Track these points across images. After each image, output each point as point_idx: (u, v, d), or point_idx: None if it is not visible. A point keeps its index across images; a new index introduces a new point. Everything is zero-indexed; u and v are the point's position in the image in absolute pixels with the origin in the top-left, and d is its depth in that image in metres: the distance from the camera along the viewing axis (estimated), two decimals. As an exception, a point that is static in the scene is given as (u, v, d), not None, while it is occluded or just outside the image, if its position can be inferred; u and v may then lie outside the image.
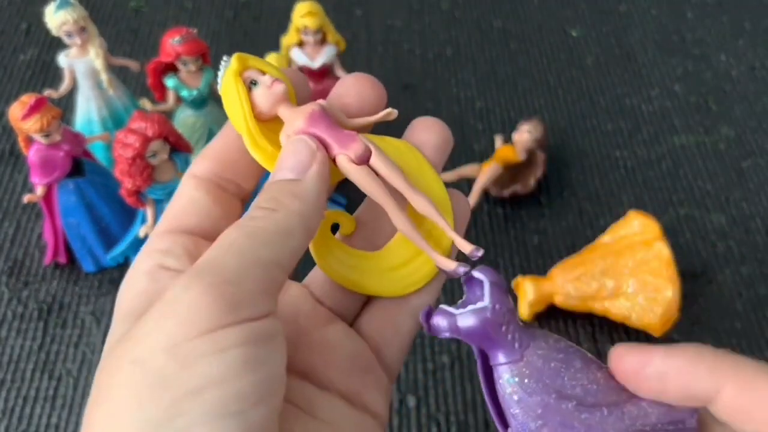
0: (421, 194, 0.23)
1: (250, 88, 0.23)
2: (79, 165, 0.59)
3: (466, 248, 0.23)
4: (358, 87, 0.25)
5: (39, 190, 0.59)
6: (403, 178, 0.23)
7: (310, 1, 0.64)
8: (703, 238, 0.67)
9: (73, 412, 0.56)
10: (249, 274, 0.19)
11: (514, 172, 0.69)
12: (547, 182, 0.71)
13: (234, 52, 0.24)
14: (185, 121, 0.65)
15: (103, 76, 0.64)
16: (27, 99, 0.54)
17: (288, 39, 0.66)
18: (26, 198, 0.60)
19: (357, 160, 0.23)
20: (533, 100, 0.80)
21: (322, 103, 0.23)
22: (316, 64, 0.65)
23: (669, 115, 0.78)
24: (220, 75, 0.23)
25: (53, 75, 0.79)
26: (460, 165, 0.70)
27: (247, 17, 0.88)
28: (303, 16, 0.64)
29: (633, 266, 0.57)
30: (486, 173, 0.67)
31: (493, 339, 0.21)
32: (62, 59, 0.64)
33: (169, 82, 0.63)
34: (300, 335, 0.23)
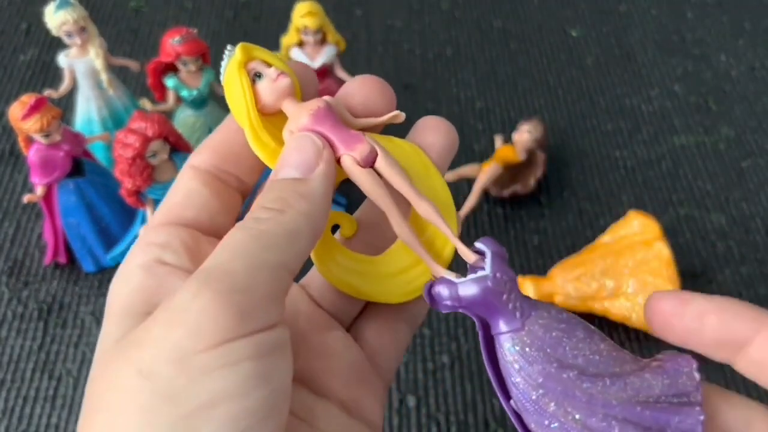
0: (426, 199, 0.22)
1: (254, 80, 0.22)
2: (79, 165, 0.59)
3: (470, 257, 0.22)
4: (366, 89, 0.24)
5: (39, 190, 0.59)
6: (408, 182, 0.22)
7: (310, 1, 0.64)
8: (703, 238, 0.67)
9: (73, 412, 0.56)
10: (258, 281, 0.18)
11: (514, 172, 0.69)
12: (547, 182, 0.71)
13: None
14: (185, 121, 0.66)
15: (103, 76, 0.64)
16: (27, 99, 0.54)
17: (288, 39, 0.66)
18: (26, 198, 0.60)
19: (363, 162, 0.22)
20: (533, 100, 0.80)
21: (328, 100, 0.23)
22: (316, 64, 0.65)
23: (669, 115, 0.78)
24: (223, 65, 0.22)
25: (53, 75, 0.79)
26: (460, 165, 0.70)
27: (247, 17, 0.88)
28: (303, 16, 0.63)
29: (633, 266, 0.57)
30: (486, 173, 0.67)
31: (495, 308, 0.20)
32: (62, 59, 0.64)
33: (169, 82, 0.63)
34: (300, 339, 0.22)
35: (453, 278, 0.21)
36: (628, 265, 0.57)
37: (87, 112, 0.67)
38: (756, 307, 0.20)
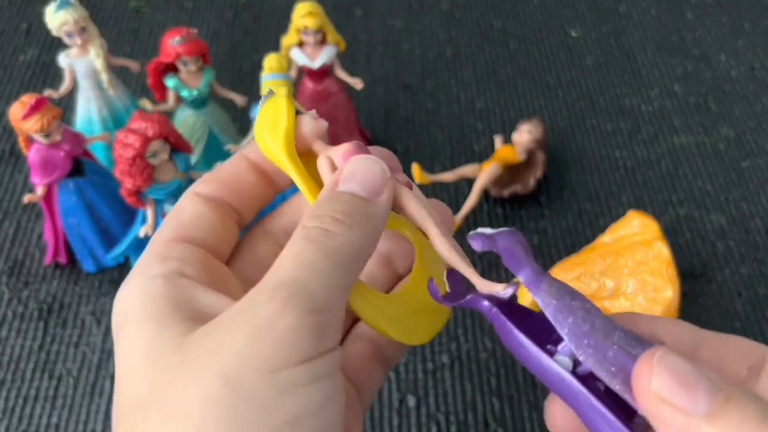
0: (450, 237, 0.23)
1: (298, 112, 0.23)
2: (79, 165, 0.59)
3: (498, 287, 0.22)
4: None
5: (39, 190, 0.59)
6: (434, 215, 0.23)
7: (310, 1, 0.64)
8: (703, 238, 0.67)
9: (73, 412, 0.56)
10: (334, 303, 0.19)
11: (513, 172, 0.69)
12: (547, 182, 0.71)
13: (234, 52, 0.23)
14: (185, 121, 0.66)
15: (104, 76, 0.64)
16: (27, 99, 0.54)
17: (288, 39, 0.66)
18: (26, 198, 0.60)
19: (406, 184, 0.23)
20: (533, 101, 0.80)
21: (358, 143, 0.23)
22: (316, 65, 0.65)
23: (669, 115, 0.79)
24: (262, 100, 0.24)
25: (53, 75, 0.79)
26: (460, 165, 0.70)
27: (247, 17, 0.89)
28: (303, 17, 0.64)
29: (633, 266, 0.57)
30: (486, 173, 0.67)
31: (525, 256, 0.21)
32: (62, 59, 0.64)
33: (170, 82, 0.63)
34: None
35: (487, 231, 0.22)
36: (628, 265, 0.57)
37: (87, 112, 0.67)
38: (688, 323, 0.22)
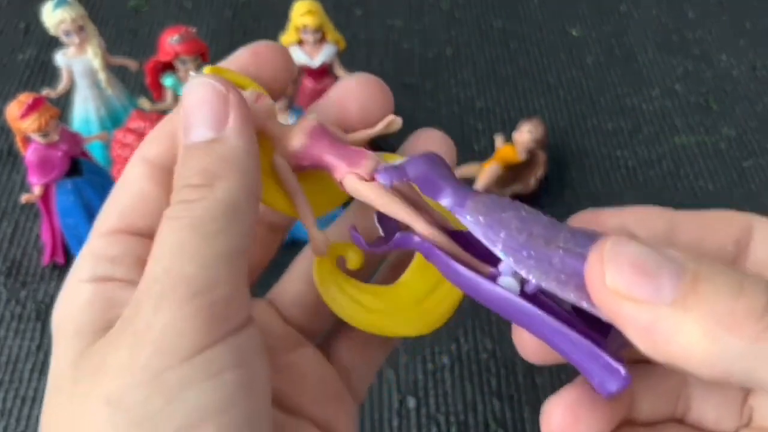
0: (432, 207, 0.20)
1: None
2: (77, 165, 0.59)
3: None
4: (361, 92, 0.22)
5: (36, 190, 0.58)
6: (414, 191, 0.20)
7: None
8: (704, 238, 0.67)
9: (71, 413, 0.55)
10: (216, 277, 0.16)
11: (514, 172, 0.69)
12: (548, 182, 0.71)
13: (233, 51, 0.21)
14: (184, 121, 0.65)
15: (102, 76, 0.64)
16: (25, 98, 0.54)
17: (287, 38, 0.66)
18: (24, 198, 0.59)
19: (369, 177, 0.20)
20: (533, 100, 0.80)
21: (317, 118, 0.20)
22: (316, 63, 0.65)
23: (670, 114, 0.78)
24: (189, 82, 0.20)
25: (51, 74, 0.79)
26: (460, 165, 0.70)
27: (247, 16, 0.88)
28: (302, 15, 0.63)
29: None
30: (486, 173, 0.67)
31: (444, 179, 0.19)
32: (60, 58, 0.64)
33: (167, 81, 0.63)
34: (268, 357, 0.20)
35: (395, 163, 0.20)
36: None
37: (85, 112, 0.67)
38: (660, 207, 0.19)
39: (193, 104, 0.18)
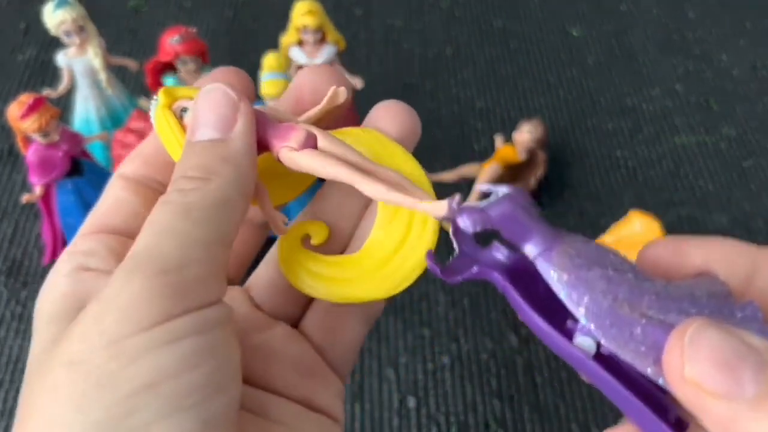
0: (386, 168, 0.21)
1: (181, 117, 0.21)
2: (77, 165, 0.59)
3: (443, 208, 0.19)
4: (312, 79, 0.23)
5: (37, 190, 0.58)
6: (360, 156, 0.21)
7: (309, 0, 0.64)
8: (705, 238, 0.67)
9: (72, 413, 0.55)
10: (191, 258, 0.17)
11: (514, 171, 0.69)
12: (548, 182, 0.71)
13: (233, 51, 0.22)
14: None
15: (102, 76, 0.64)
16: (25, 98, 0.54)
17: (287, 38, 0.66)
18: (24, 198, 0.59)
19: (299, 146, 0.20)
20: (534, 100, 0.80)
21: (257, 107, 0.21)
22: (316, 63, 0.65)
23: (670, 114, 0.78)
24: (152, 114, 0.22)
25: (52, 74, 0.79)
26: (460, 165, 0.70)
27: (247, 16, 0.88)
28: (303, 15, 0.63)
29: (634, 266, 0.57)
30: (486, 173, 0.67)
31: (529, 223, 0.18)
32: (60, 58, 0.64)
33: (168, 81, 0.63)
34: (239, 339, 0.21)
35: (475, 204, 0.19)
36: (630, 266, 0.57)
37: (85, 112, 0.67)
38: (746, 243, 0.19)
39: (205, 106, 0.20)
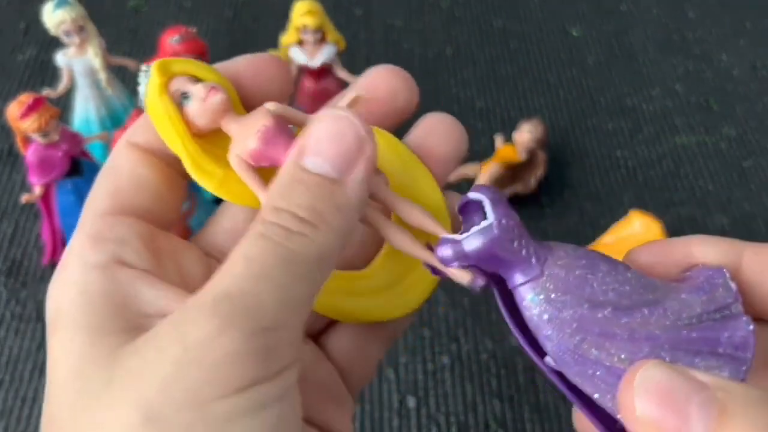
0: (408, 202, 0.19)
1: (181, 104, 0.18)
2: (77, 165, 0.59)
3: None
4: (389, 81, 0.21)
5: (37, 190, 0.58)
6: (386, 187, 0.19)
7: None
8: (705, 238, 0.67)
9: (72, 413, 0.55)
10: (288, 318, 0.16)
11: (514, 172, 0.69)
12: (548, 182, 0.71)
13: (233, 51, 0.20)
14: (184, 121, 0.65)
15: (102, 75, 0.64)
16: (25, 98, 0.54)
17: (287, 38, 0.66)
18: (24, 198, 0.59)
19: None
20: (533, 100, 0.80)
21: (272, 110, 0.19)
22: (316, 63, 0.65)
23: (670, 114, 0.78)
24: (141, 90, 0.19)
25: (52, 74, 0.79)
26: (460, 165, 0.70)
27: (247, 16, 0.88)
28: (302, 15, 0.63)
29: (634, 266, 0.57)
30: (486, 173, 0.67)
31: (507, 258, 0.18)
32: (60, 58, 0.64)
33: (168, 81, 0.63)
34: None
35: (455, 236, 0.18)
36: (630, 266, 0.57)
37: (85, 112, 0.67)
38: (728, 239, 0.20)
39: (327, 135, 0.17)
